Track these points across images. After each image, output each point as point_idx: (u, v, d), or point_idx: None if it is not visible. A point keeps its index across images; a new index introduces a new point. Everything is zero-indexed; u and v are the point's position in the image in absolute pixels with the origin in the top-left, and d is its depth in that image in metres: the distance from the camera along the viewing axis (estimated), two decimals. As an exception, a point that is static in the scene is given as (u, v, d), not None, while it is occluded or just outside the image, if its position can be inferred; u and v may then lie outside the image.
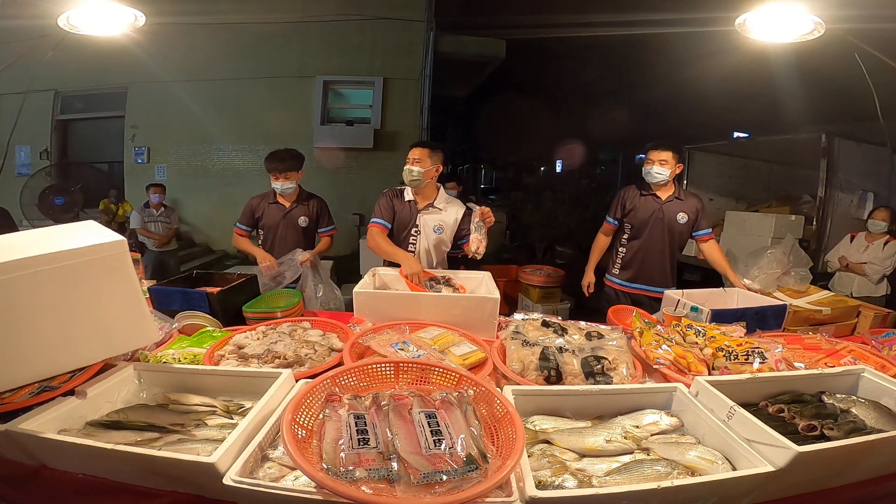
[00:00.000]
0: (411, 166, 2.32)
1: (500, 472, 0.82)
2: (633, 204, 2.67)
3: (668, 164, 2.51)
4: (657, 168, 2.52)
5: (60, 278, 1.02)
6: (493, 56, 7.05)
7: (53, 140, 7.27)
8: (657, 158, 2.52)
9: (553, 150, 11.19)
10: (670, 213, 2.59)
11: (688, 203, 2.61)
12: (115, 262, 1.10)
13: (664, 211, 2.60)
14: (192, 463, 0.90)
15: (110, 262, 1.09)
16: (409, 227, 2.43)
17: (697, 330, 1.59)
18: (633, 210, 2.66)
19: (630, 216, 2.68)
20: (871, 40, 2.86)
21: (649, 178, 2.57)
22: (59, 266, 1.01)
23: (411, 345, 1.42)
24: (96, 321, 1.11)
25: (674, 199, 2.61)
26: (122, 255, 1.11)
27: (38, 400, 1.08)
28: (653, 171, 2.54)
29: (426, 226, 2.42)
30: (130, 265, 1.13)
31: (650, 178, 2.57)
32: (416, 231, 2.43)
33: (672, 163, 2.52)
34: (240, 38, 6.64)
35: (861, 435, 1.02)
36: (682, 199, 2.61)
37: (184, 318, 1.77)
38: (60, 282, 1.03)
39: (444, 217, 2.42)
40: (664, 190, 2.61)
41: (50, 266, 1.00)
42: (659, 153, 2.52)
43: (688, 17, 4.49)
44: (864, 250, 3.61)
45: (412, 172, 2.31)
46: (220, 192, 7.04)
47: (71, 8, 2.00)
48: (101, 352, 1.16)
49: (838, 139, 4.41)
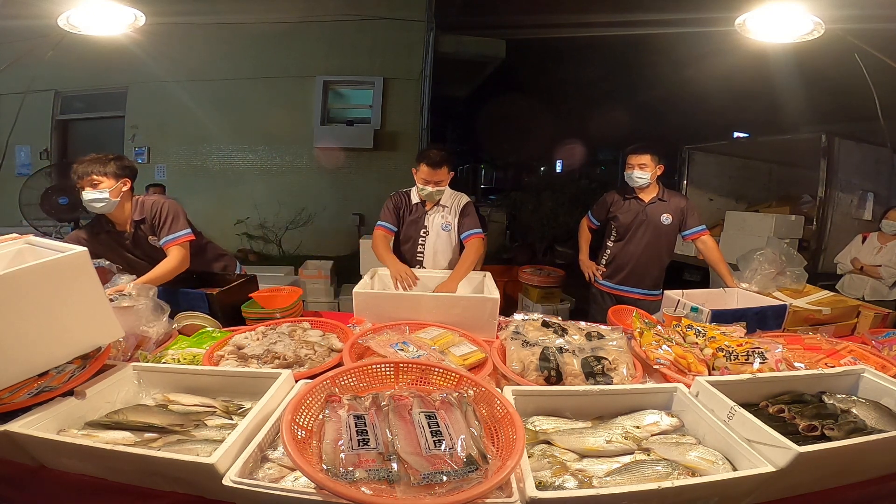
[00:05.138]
0: (439, 188, 2.32)
1: (501, 472, 0.82)
2: (617, 208, 2.70)
3: (647, 167, 2.53)
4: (638, 172, 2.54)
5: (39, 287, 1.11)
6: (493, 56, 7.04)
7: (53, 140, 7.25)
8: (637, 163, 2.54)
9: (553, 150, 11.19)
10: (654, 214, 2.61)
11: (671, 204, 2.61)
12: (81, 269, 1.20)
13: (648, 213, 2.61)
14: (191, 464, 0.90)
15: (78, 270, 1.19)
16: (417, 229, 2.43)
17: (697, 330, 1.59)
18: (617, 214, 2.69)
19: (615, 220, 2.71)
20: (871, 40, 2.86)
21: (631, 182, 2.60)
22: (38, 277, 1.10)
23: (411, 345, 1.42)
24: (68, 323, 1.19)
25: (657, 200, 2.62)
26: (86, 263, 1.20)
27: (37, 400, 1.08)
28: (634, 175, 2.56)
29: (434, 226, 2.42)
30: (94, 271, 1.23)
31: (632, 182, 2.60)
32: (426, 232, 2.42)
33: (652, 165, 2.54)
34: (240, 38, 6.63)
35: (861, 435, 1.02)
36: (665, 200, 2.62)
37: (183, 318, 1.77)
38: (38, 290, 1.10)
39: (450, 213, 2.43)
40: (647, 192, 2.63)
41: (30, 277, 1.09)
42: (638, 157, 2.54)
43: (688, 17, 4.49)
44: (877, 252, 3.42)
45: (436, 194, 2.34)
46: (220, 192, 7.04)
47: (71, 8, 2.00)
48: (74, 349, 1.23)
49: (838, 139, 4.40)
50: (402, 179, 6.72)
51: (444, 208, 2.42)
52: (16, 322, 1.07)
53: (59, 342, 1.17)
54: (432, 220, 2.42)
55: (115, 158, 2.00)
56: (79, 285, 1.19)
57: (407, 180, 2.52)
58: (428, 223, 2.42)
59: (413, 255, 2.44)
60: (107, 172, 1.94)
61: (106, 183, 1.94)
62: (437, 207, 2.42)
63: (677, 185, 5.75)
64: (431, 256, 2.42)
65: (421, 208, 2.42)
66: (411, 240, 2.44)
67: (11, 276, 1.05)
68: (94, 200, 1.92)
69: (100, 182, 1.93)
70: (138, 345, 1.54)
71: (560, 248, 7.27)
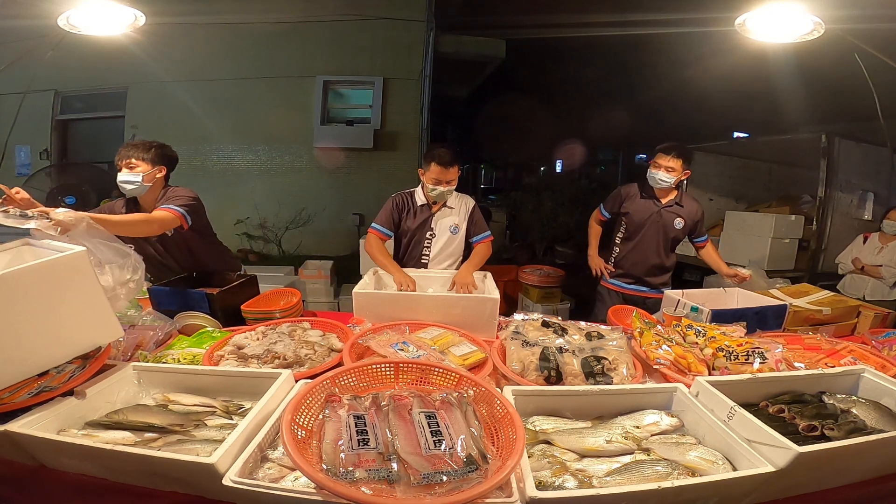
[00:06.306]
0: (450, 188, 2.29)
1: (501, 472, 0.82)
2: (631, 204, 2.65)
3: (675, 171, 2.46)
4: (663, 174, 2.47)
5: (38, 287, 1.11)
6: (493, 56, 7.04)
7: (53, 140, 7.25)
8: (665, 164, 2.46)
9: (553, 150, 11.18)
10: (668, 217, 2.58)
11: (688, 209, 2.59)
12: (80, 270, 1.20)
13: (662, 215, 2.58)
14: (191, 463, 0.90)
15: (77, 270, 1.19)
16: (423, 231, 2.39)
17: (697, 330, 1.59)
18: (630, 210, 2.65)
19: (627, 216, 2.67)
20: (871, 40, 2.86)
21: (653, 182, 2.54)
22: (36, 277, 1.11)
23: (411, 345, 1.42)
24: (67, 323, 1.20)
25: (674, 204, 2.59)
26: (84, 263, 1.20)
27: (37, 400, 1.08)
28: (658, 176, 2.49)
29: (442, 228, 2.39)
30: (92, 271, 1.23)
31: (654, 182, 2.53)
32: (432, 234, 2.39)
33: (679, 170, 2.47)
34: (240, 38, 6.62)
35: (861, 435, 1.02)
36: (682, 205, 2.59)
37: (183, 318, 1.77)
38: (38, 290, 1.11)
39: (458, 215, 2.41)
40: (666, 194, 2.59)
41: (28, 278, 1.09)
42: (668, 160, 2.46)
43: (688, 18, 4.49)
44: (878, 252, 3.44)
45: (446, 194, 2.31)
46: (220, 192, 7.02)
47: (71, 8, 2.00)
48: (73, 350, 1.22)
49: (838, 139, 4.39)
50: (402, 179, 6.74)
51: (451, 210, 2.40)
52: (14, 322, 1.07)
53: (57, 342, 1.17)
54: (439, 221, 2.39)
55: (159, 146, 2.07)
56: (77, 285, 1.19)
57: (406, 180, 2.50)
58: (435, 225, 2.39)
59: (418, 257, 2.42)
60: (145, 157, 2.00)
61: (142, 167, 1.99)
62: (444, 209, 2.39)
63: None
64: (437, 258, 2.41)
65: (427, 210, 2.39)
66: (417, 241, 2.41)
67: (10, 276, 1.05)
68: (126, 182, 1.98)
69: (136, 165, 1.99)
70: (138, 345, 1.54)
71: (560, 248, 7.28)
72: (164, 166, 2.08)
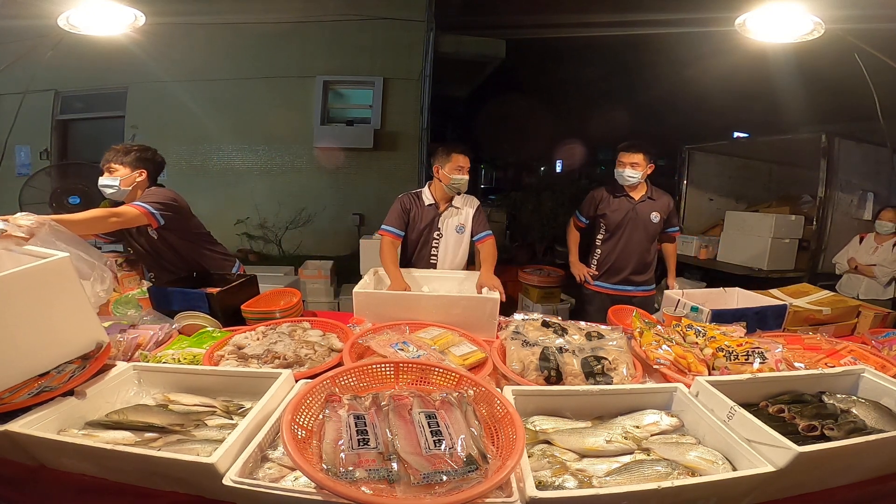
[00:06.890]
0: (464, 175, 2.33)
1: (501, 472, 0.82)
2: (607, 205, 2.69)
3: (639, 166, 2.53)
4: (629, 171, 2.54)
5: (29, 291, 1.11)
6: (493, 56, 7.04)
7: (53, 140, 7.25)
8: (628, 161, 2.54)
9: (553, 151, 11.18)
10: (644, 212, 2.63)
11: (660, 202, 2.65)
12: (65, 274, 1.20)
13: (637, 211, 2.63)
14: (191, 463, 0.90)
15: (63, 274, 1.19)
16: (431, 231, 2.41)
17: (697, 330, 1.59)
18: (606, 211, 2.69)
19: (604, 217, 2.70)
20: (871, 40, 2.86)
21: (622, 180, 2.60)
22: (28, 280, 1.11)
23: (411, 345, 1.42)
24: (59, 325, 1.20)
25: (646, 198, 2.64)
26: (69, 268, 1.21)
27: (37, 400, 1.07)
28: (625, 173, 2.56)
29: (449, 228, 2.41)
30: (76, 276, 1.23)
31: (622, 180, 2.59)
32: (439, 234, 2.41)
33: (643, 164, 2.54)
34: (240, 38, 6.62)
35: (861, 435, 1.02)
36: (654, 198, 2.65)
37: (183, 318, 1.77)
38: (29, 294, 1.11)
39: (463, 215, 2.42)
40: (637, 190, 2.65)
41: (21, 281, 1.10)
42: (630, 156, 2.54)
43: (688, 18, 4.49)
44: (873, 252, 3.52)
45: (463, 181, 2.35)
46: (220, 193, 7.03)
47: (71, 8, 2.00)
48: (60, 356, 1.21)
49: (838, 139, 4.39)
50: (402, 179, 6.74)
51: (457, 210, 2.42)
52: (9, 325, 1.08)
53: (51, 345, 1.18)
54: (446, 221, 2.41)
55: (139, 150, 2.08)
56: (63, 289, 1.19)
57: (407, 180, 2.52)
58: (441, 225, 2.41)
59: (428, 257, 2.42)
60: (124, 161, 2.02)
61: (121, 171, 2.01)
62: (450, 209, 2.41)
63: (677, 185, 5.75)
64: (444, 258, 2.41)
65: (434, 210, 2.41)
66: (425, 241, 2.42)
67: (3, 279, 1.06)
68: (105, 186, 2.00)
69: (116, 170, 2.01)
70: (138, 345, 1.54)
71: (560, 248, 7.27)
72: (145, 170, 2.08)
